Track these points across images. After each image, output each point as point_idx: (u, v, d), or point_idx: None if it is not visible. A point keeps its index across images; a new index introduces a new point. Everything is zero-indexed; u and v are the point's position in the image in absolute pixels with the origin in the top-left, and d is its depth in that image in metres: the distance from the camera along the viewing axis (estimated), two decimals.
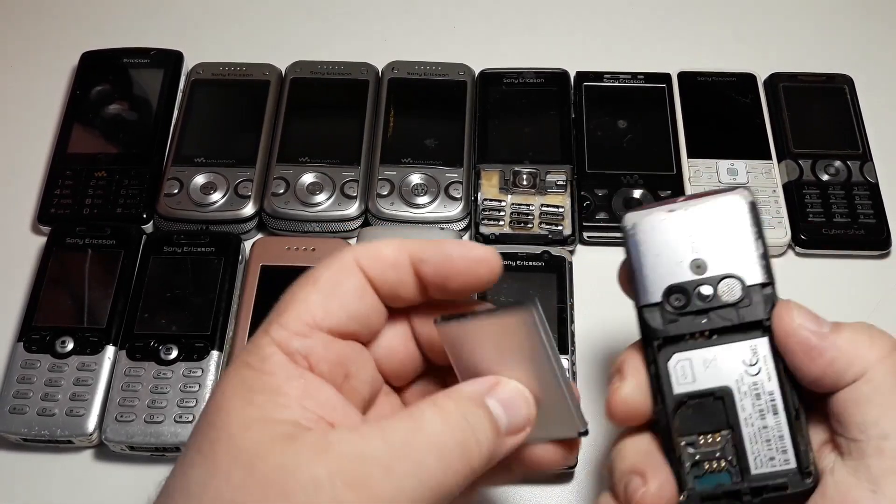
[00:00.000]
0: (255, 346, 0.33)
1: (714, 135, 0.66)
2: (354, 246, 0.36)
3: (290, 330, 0.33)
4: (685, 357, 0.36)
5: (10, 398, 0.54)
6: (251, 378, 0.32)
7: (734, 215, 0.37)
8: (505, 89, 0.68)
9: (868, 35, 0.74)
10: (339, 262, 0.34)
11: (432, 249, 0.35)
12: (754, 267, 0.36)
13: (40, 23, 0.75)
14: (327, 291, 0.34)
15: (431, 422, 0.32)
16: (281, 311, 0.33)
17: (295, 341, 0.33)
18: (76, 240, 0.60)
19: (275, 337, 0.33)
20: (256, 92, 0.67)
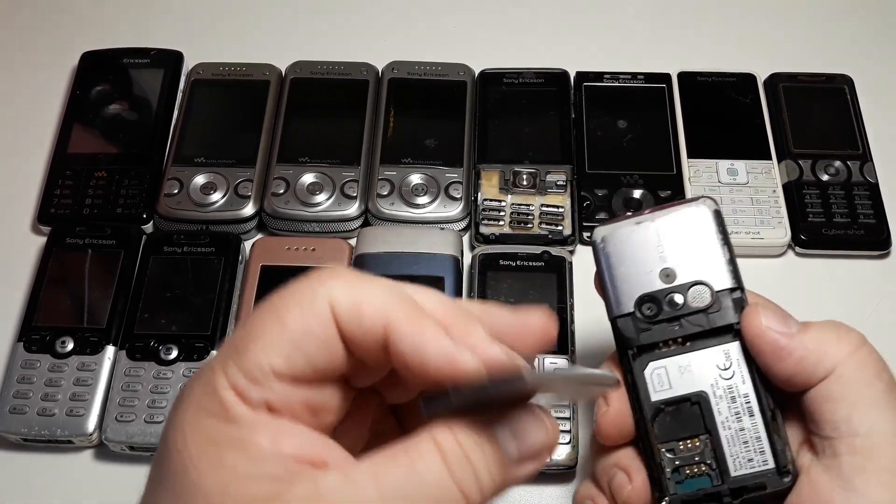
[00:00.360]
0: (211, 387, 0.29)
1: (714, 135, 0.66)
2: (331, 281, 0.30)
3: (249, 376, 0.29)
4: (660, 365, 0.37)
5: (10, 398, 0.54)
6: (215, 430, 0.29)
7: (700, 224, 0.38)
8: (505, 89, 0.68)
9: (868, 35, 0.74)
10: (313, 305, 0.30)
11: (410, 338, 0.29)
12: (722, 273, 0.37)
13: (40, 23, 0.75)
14: (293, 341, 0.29)
15: (430, 464, 0.28)
16: (240, 348, 0.29)
17: (253, 391, 0.29)
18: (76, 240, 0.60)
19: (232, 381, 0.29)
20: (256, 92, 0.67)
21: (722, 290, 0.37)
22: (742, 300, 0.37)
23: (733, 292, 0.37)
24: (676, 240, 0.37)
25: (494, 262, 0.59)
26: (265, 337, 0.29)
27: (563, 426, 0.52)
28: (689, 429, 0.36)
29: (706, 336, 0.37)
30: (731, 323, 0.37)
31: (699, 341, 0.37)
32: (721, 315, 0.37)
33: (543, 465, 0.31)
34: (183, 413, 0.29)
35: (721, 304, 0.37)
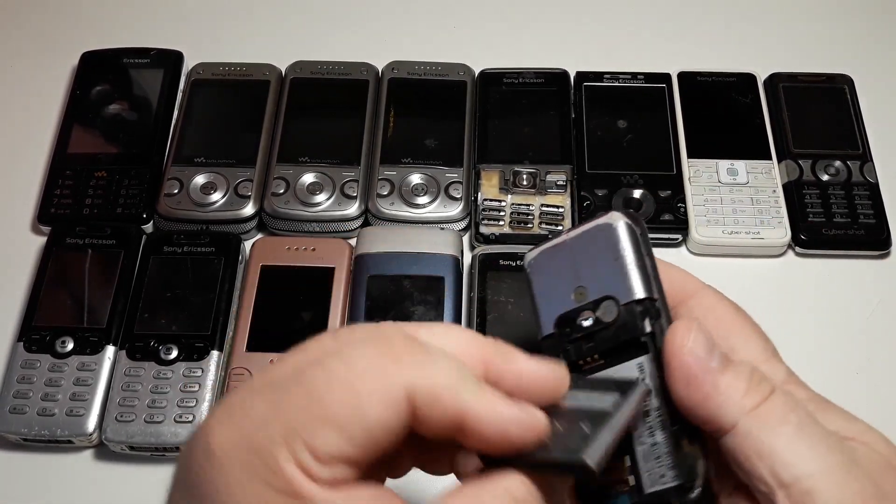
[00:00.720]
0: (275, 463, 0.28)
1: (714, 135, 0.66)
2: (408, 370, 0.29)
3: (319, 459, 0.28)
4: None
5: (10, 398, 0.54)
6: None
7: (607, 238, 0.37)
8: (505, 89, 0.68)
9: (868, 35, 0.74)
10: (391, 396, 0.29)
11: (488, 418, 0.29)
12: (628, 285, 0.36)
13: (40, 23, 0.75)
14: (369, 429, 0.28)
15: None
16: (309, 427, 0.28)
17: (324, 472, 0.28)
18: (76, 240, 0.60)
19: (300, 461, 0.28)
20: (256, 92, 0.67)
21: (628, 302, 0.36)
22: (654, 310, 0.36)
23: (642, 303, 0.36)
24: (588, 257, 0.37)
25: (494, 262, 0.59)
26: (340, 422, 0.28)
27: None
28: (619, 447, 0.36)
29: (619, 350, 0.36)
30: (638, 336, 0.36)
31: (617, 356, 0.36)
32: (627, 328, 0.36)
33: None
34: (240, 483, 0.28)
35: (628, 317, 0.36)
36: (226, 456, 0.28)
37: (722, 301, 0.36)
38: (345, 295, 0.58)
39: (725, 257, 0.62)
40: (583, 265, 0.37)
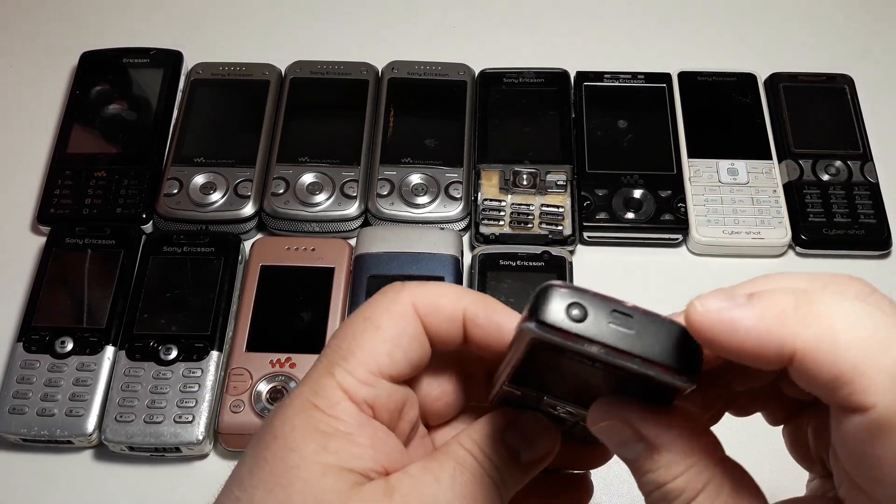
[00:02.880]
0: (320, 387, 0.33)
1: (714, 135, 0.66)
2: (409, 288, 0.35)
3: (357, 377, 0.33)
4: None
5: (9, 398, 0.54)
6: (322, 422, 0.32)
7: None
8: (505, 89, 0.68)
9: (868, 35, 0.74)
10: (400, 308, 0.34)
11: (485, 314, 0.34)
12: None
13: (40, 23, 0.75)
14: (392, 340, 0.34)
15: (469, 462, 0.34)
16: (346, 355, 0.33)
17: (362, 390, 0.33)
18: (76, 240, 0.60)
19: (341, 382, 0.33)
20: (256, 92, 0.67)
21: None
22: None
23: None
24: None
25: (494, 262, 0.59)
26: (367, 342, 0.33)
27: None
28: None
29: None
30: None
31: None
32: None
33: (544, 466, 0.35)
34: (290, 409, 0.33)
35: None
36: (287, 398, 0.33)
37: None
38: (345, 295, 0.58)
39: (726, 257, 0.62)
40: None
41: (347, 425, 0.32)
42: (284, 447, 0.32)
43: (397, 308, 0.34)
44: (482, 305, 0.35)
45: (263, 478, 0.32)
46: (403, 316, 0.34)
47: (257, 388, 0.54)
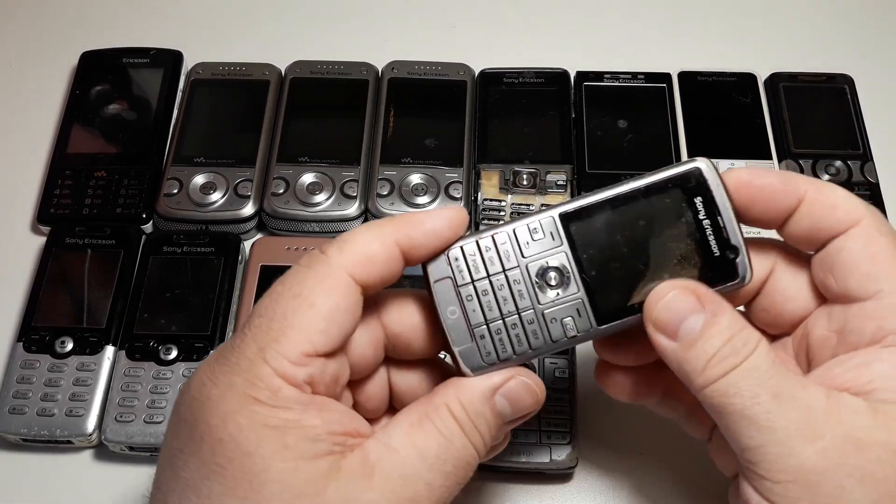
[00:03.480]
0: (255, 377, 0.32)
1: (714, 135, 0.66)
2: (336, 250, 0.34)
3: (292, 360, 0.32)
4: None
5: (9, 398, 0.54)
6: (269, 416, 0.31)
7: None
8: (505, 89, 0.68)
9: (869, 35, 0.74)
10: (333, 280, 0.34)
11: (418, 232, 0.35)
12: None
13: (40, 23, 0.75)
14: (328, 317, 0.33)
15: (456, 436, 0.34)
16: (277, 337, 0.32)
17: (299, 371, 0.32)
18: (76, 240, 0.60)
19: (276, 367, 0.32)
20: (256, 92, 0.67)
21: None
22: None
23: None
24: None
25: None
26: (300, 322, 0.32)
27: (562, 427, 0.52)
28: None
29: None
30: None
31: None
32: None
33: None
34: (228, 404, 0.31)
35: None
36: (213, 384, 0.32)
37: (881, 234, 0.36)
38: None
39: None
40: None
41: (294, 412, 0.32)
42: (239, 452, 0.31)
43: (331, 281, 0.33)
44: (409, 227, 0.35)
45: (228, 486, 0.31)
46: (337, 287, 0.33)
47: None
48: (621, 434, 0.54)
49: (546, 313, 0.36)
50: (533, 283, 0.36)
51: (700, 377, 0.34)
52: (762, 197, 0.36)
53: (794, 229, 0.37)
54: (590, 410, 0.54)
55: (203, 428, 0.32)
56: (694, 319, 0.34)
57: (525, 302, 0.36)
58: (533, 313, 0.36)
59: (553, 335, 0.36)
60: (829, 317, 0.37)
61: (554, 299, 0.36)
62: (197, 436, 0.32)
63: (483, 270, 0.36)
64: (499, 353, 0.36)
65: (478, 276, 0.36)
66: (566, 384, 0.54)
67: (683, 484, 0.52)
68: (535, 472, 0.52)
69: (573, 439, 0.52)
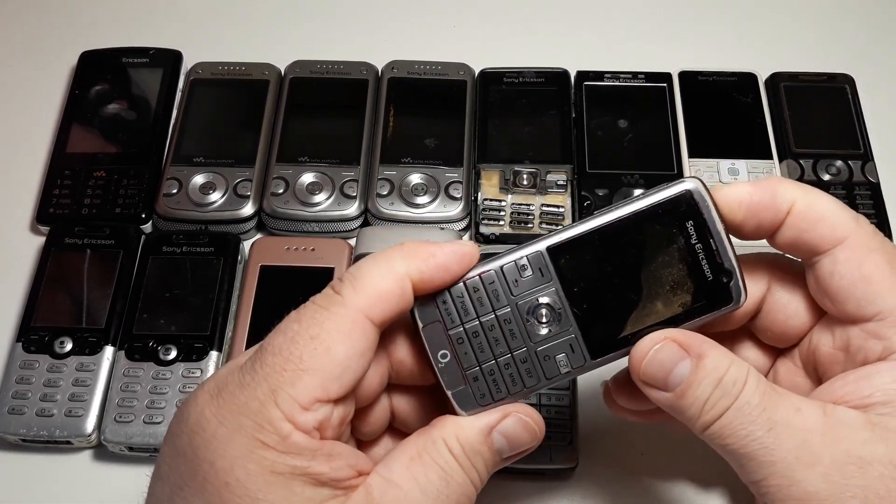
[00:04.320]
0: (265, 420, 0.31)
1: (715, 134, 0.66)
2: (350, 289, 0.34)
3: (302, 404, 0.32)
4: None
5: (8, 398, 0.54)
6: (277, 462, 0.31)
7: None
8: (505, 89, 0.68)
9: (869, 34, 0.74)
10: (349, 322, 0.33)
11: (429, 266, 0.35)
12: None
13: (39, 22, 0.75)
14: (343, 363, 0.33)
15: (456, 473, 0.34)
16: (292, 380, 0.32)
17: (309, 417, 0.32)
18: (75, 240, 0.59)
19: (286, 411, 0.32)
20: (256, 91, 0.67)
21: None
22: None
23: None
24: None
25: None
26: (316, 366, 0.32)
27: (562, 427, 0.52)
28: None
29: None
30: None
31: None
32: None
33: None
34: (236, 448, 0.31)
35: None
36: (219, 422, 0.31)
37: (869, 252, 0.35)
38: None
39: None
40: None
41: (302, 458, 0.32)
42: (248, 498, 0.31)
43: (349, 325, 0.33)
44: (420, 261, 0.35)
45: None
46: (354, 332, 0.33)
47: None
48: (621, 434, 0.54)
49: (539, 351, 0.36)
50: (524, 322, 0.36)
51: (697, 423, 0.35)
52: (752, 214, 0.36)
53: (779, 240, 0.37)
54: (590, 411, 0.54)
55: (207, 468, 0.31)
56: (681, 368, 0.35)
57: (517, 342, 0.36)
58: (526, 352, 0.36)
59: (547, 373, 0.36)
60: (832, 334, 0.37)
61: (546, 336, 0.36)
62: (200, 476, 0.32)
63: (473, 312, 0.36)
64: (493, 393, 0.36)
65: (467, 318, 0.36)
66: (566, 385, 0.53)
67: (683, 484, 0.52)
68: (535, 473, 0.52)
69: (573, 439, 0.52)
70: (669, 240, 0.35)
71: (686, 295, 0.36)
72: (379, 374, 0.37)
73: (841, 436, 0.33)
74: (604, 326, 0.36)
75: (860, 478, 0.32)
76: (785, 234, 0.36)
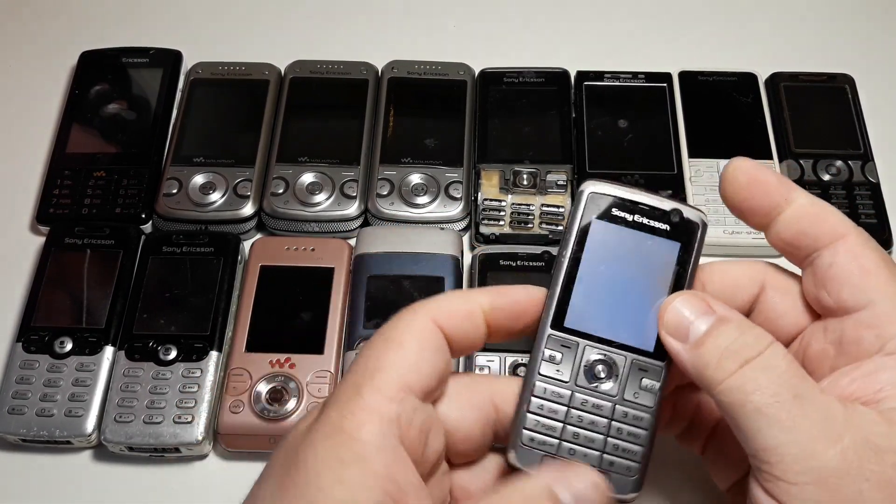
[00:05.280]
0: (347, 409, 0.33)
1: (715, 134, 0.66)
2: (424, 303, 0.36)
3: (385, 394, 0.33)
4: None
5: (8, 399, 0.54)
6: (344, 446, 0.32)
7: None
8: (505, 89, 0.68)
9: (869, 34, 0.74)
10: (419, 324, 0.35)
11: (501, 298, 0.37)
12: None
13: (39, 22, 0.75)
14: (415, 353, 0.34)
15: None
16: (373, 374, 0.34)
17: (392, 406, 0.33)
18: (75, 240, 0.59)
19: (369, 401, 0.33)
20: (256, 91, 0.67)
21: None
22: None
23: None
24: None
25: (494, 262, 0.59)
26: (391, 361, 0.34)
27: None
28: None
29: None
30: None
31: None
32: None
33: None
34: (317, 434, 0.33)
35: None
36: (307, 419, 0.34)
37: (867, 249, 0.36)
38: (344, 295, 0.58)
39: (727, 257, 0.62)
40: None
41: (367, 448, 0.32)
42: (305, 477, 0.32)
43: (416, 324, 0.35)
44: (495, 293, 0.37)
45: (284, 499, 0.32)
46: (423, 330, 0.35)
47: (257, 389, 0.54)
48: None
49: (626, 396, 0.36)
50: (595, 392, 0.36)
51: (714, 371, 0.34)
52: (759, 191, 0.37)
53: (781, 233, 0.37)
54: None
55: (291, 452, 0.33)
56: (703, 320, 0.35)
57: (605, 406, 0.36)
58: (619, 407, 0.37)
59: (647, 403, 0.36)
60: (824, 330, 0.37)
61: (621, 381, 0.36)
62: (284, 456, 0.33)
63: (558, 427, 0.36)
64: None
65: (558, 433, 0.36)
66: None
67: (683, 484, 0.52)
68: None
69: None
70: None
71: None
72: (480, 422, 0.37)
73: (861, 423, 0.33)
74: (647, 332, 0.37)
75: (876, 464, 0.32)
76: (788, 228, 0.37)
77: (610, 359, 0.36)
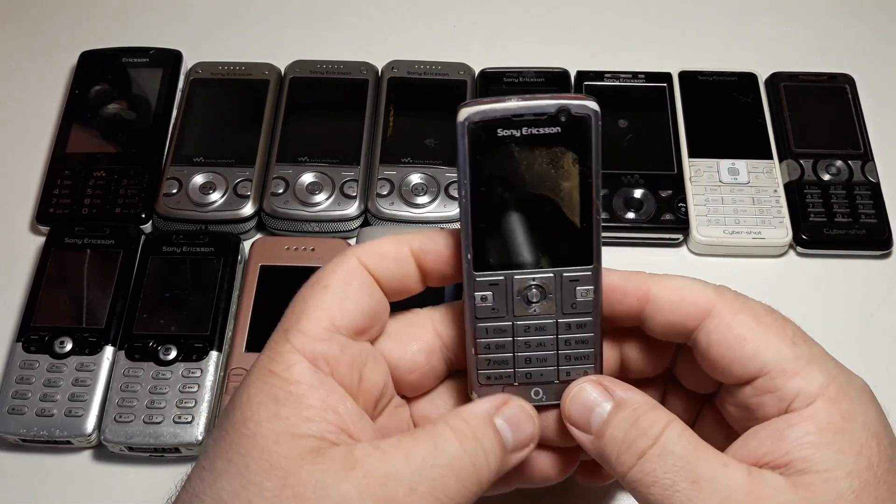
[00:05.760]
0: (276, 353, 0.34)
1: (715, 134, 0.66)
2: (355, 247, 0.37)
3: (311, 335, 0.34)
4: None
5: (8, 398, 0.54)
6: (276, 387, 0.33)
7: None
8: (505, 89, 0.68)
9: (869, 34, 0.74)
10: (345, 265, 0.36)
11: (430, 240, 0.37)
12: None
13: (39, 22, 0.75)
14: (340, 293, 0.35)
15: (449, 443, 0.33)
16: (298, 317, 0.35)
17: (317, 346, 0.34)
18: (75, 240, 0.59)
19: (296, 343, 0.34)
20: (256, 91, 0.67)
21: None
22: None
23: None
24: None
25: None
26: (316, 302, 0.35)
27: None
28: None
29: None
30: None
31: None
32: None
33: (527, 455, 0.37)
34: (249, 378, 0.34)
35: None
36: (248, 377, 0.34)
37: (737, 313, 0.36)
38: None
39: (726, 257, 0.62)
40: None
41: (300, 387, 0.33)
42: (241, 417, 0.33)
43: (343, 267, 0.36)
44: (425, 237, 0.37)
45: (224, 448, 0.32)
46: (349, 272, 0.36)
47: None
48: None
49: (564, 309, 0.36)
50: (535, 316, 0.37)
51: (616, 465, 0.34)
52: (609, 297, 0.37)
53: (652, 329, 0.37)
54: None
55: (229, 402, 0.34)
56: (601, 408, 0.35)
57: (548, 325, 0.37)
58: (562, 321, 0.37)
59: (586, 308, 0.36)
60: (731, 394, 0.37)
61: (556, 298, 0.36)
62: (224, 409, 0.34)
63: (509, 359, 0.37)
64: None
65: (511, 365, 0.37)
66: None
67: None
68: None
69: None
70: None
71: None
72: (426, 351, 0.38)
73: (764, 495, 0.32)
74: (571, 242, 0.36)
75: None
76: (655, 322, 0.37)
77: (539, 280, 0.36)
